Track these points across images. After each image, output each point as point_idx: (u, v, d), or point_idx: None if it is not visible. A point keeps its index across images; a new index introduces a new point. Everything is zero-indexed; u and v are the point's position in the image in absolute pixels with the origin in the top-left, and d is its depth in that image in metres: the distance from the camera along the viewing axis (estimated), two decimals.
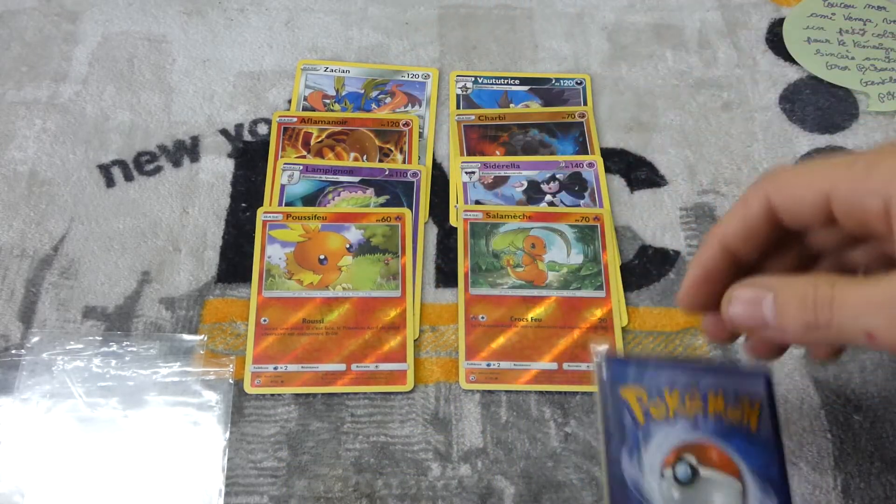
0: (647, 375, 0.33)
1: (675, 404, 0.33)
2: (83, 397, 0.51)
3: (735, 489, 0.32)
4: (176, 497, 0.48)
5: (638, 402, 0.33)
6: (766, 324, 0.28)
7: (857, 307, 0.25)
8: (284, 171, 0.61)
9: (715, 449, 0.32)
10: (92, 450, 0.49)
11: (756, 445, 0.32)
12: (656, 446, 0.32)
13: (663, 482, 0.31)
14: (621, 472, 0.31)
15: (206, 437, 0.50)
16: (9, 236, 0.58)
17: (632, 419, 0.32)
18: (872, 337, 0.25)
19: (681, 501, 0.31)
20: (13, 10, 0.70)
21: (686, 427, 0.32)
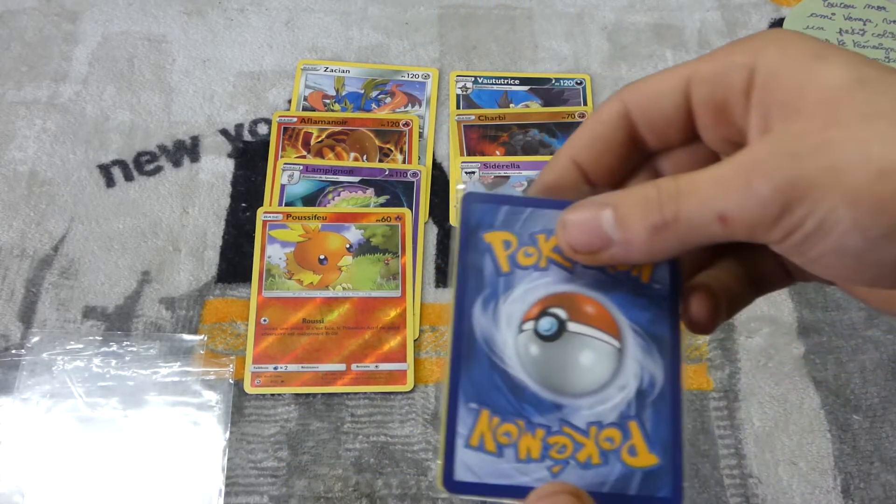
0: (521, 219, 0.27)
1: (549, 251, 0.27)
2: (83, 397, 0.51)
3: (608, 348, 0.26)
4: (176, 497, 0.48)
5: (504, 248, 0.27)
6: (608, 241, 0.24)
7: (705, 190, 0.22)
8: (284, 171, 0.61)
9: (592, 302, 0.27)
10: (92, 450, 0.50)
11: (645, 298, 0.27)
12: (519, 296, 0.27)
13: (521, 336, 0.26)
14: (471, 324, 0.27)
15: (206, 437, 0.50)
16: (9, 236, 0.58)
17: (493, 266, 0.27)
18: (726, 220, 0.22)
19: (539, 358, 0.26)
20: (13, 10, 0.70)
21: (560, 277, 0.27)
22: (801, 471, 0.51)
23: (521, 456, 0.25)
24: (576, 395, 0.26)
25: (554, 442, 0.25)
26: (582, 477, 0.25)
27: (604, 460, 0.25)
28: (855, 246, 0.21)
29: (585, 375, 0.26)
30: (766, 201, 0.21)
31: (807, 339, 0.55)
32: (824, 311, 0.57)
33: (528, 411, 0.26)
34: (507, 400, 0.26)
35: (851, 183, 0.20)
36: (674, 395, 0.26)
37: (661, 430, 0.26)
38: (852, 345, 0.55)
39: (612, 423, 0.26)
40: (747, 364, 0.54)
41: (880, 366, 0.55)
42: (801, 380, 0.54)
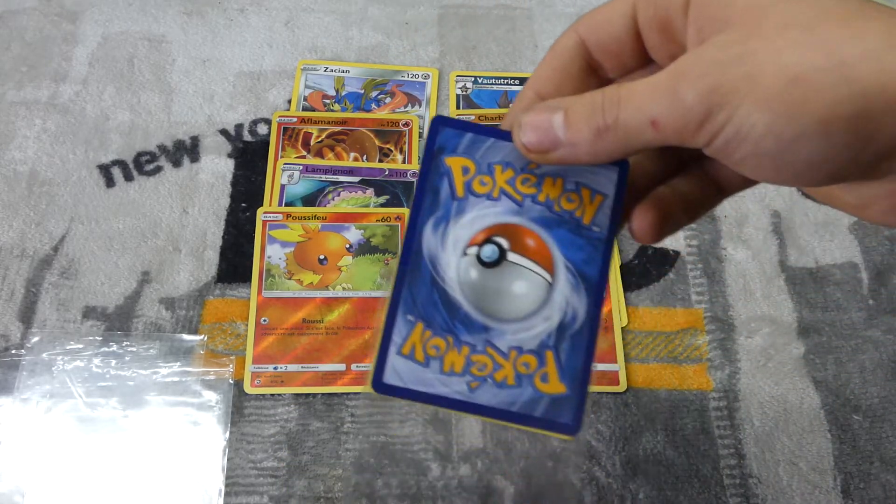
0: (482, 148, 0.29)
1: (503, 183, 0.29)
2: (83, 397, 0.51)
3: (540, 281, 0.29)
4: (176, 497, 0.48)
5: (462, 173, 0.29)
6: (557, 142, 0.26)
7: (640, 97, 0.24)
8: (284, 171, 0.61)
9: (534, 236, 0.29)
10: (92, 450, 0.50)
11: (581, 239, 0.29)
12: (469, 222, 0.29)
13: (464, 260, 0.28)
14: (420, 241, 0.28)
15: (206, 437, 0.50)
16: (9, 236, 0.58)
17: (449, 189, 0.29)
18: (657, 124, 0.24)
19: (477, 282, 0.28)
20: (13, 10, 0.70)
21: (508, 208, 0.29)
22: (801, 471, 0.51)
23: (445, 369, 0.28)
24: (503, 321, 0.28)
25: (476, 360, 0.28)
26: (496, 395, 0.27)
27: (518, 383, 0.28)
28: (770, 148, 0.22)
29: (516, 303, 0.28)
30: (691, 107, 0.23)
31: (807, 339, 0.55)
32: (824, 311, 0.57)
33: (458, 329, 0.28)
34: (442, 317, 0.28)
35: (766, 89, 0.21)
36: (591, 333, 0.28)
37: (574, 362, 0.28)
38: (852, 345, 0.55)
39: (531, 350, 0.28)
40: (747, 364, 0.54)
41: (880, 366, 0.55)
42: (801, 380, 0.54)
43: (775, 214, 0.61)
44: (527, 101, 0.29)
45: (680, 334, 0.55)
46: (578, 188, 0.29)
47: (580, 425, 0.27)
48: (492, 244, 0.29)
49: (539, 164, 0.29)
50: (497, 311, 0.28)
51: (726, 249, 0.59)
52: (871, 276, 0.58)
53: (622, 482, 0.50)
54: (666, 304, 0.57)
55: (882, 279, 0.58)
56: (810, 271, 0.58)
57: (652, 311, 0.56)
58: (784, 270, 0.58)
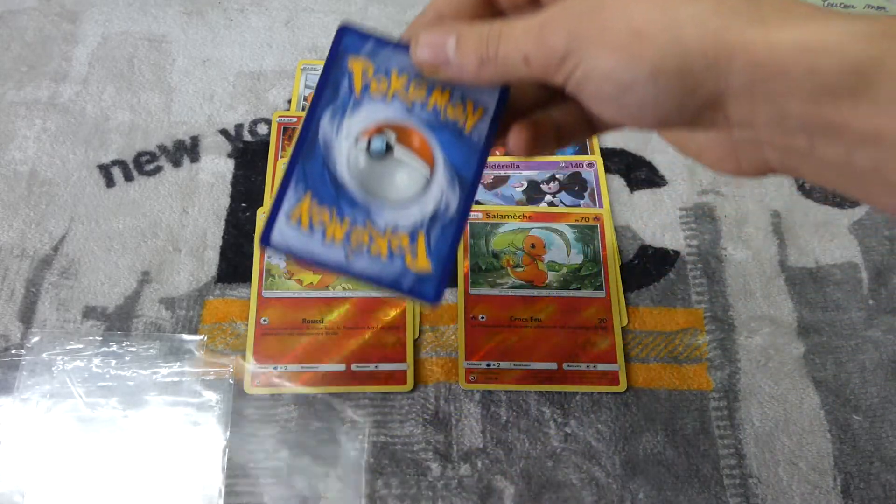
0: (382, 54, 0.33)
1: (397, 87, 0.33)
2: (83, 397, 0.51)
3: (421, 173, 0.32)
4: (176, 497, 0.48)
5: (362, 75, 0.33)
6: (448, 61, 0.30)
7: (516, 36, 0.28)
8: None
9: (419, 135, 0.33)
10: (92, 450, 0.50)
11: (462, 144, 0.33)
12: (363, 117, 0.32)
13: (354, 149, 0.32)
14: (317, 127, 0.32)
15: (207, 437, 0.50)
16: (9, 236, 0.58)
17: (349, 87, 0.33)
18: (528, 60, 0.27)
19: (364, 169, 0.32)
20: (13, 10, 0.70)
21: (399, 109, 0.33)
22: (801, 471, 0.51)
23: (328, 238, 0.31)
24: (384, 203, 0.32)
25: (356, 233, 0.31)
26: (370, 266, 0.31)
27: (390, 258, 0.31)
28: (610, 91, 0.26)
29: (396, 190, 0.32)
30: (553, 48, 0.27)
31: (807, 339, 0.56)
32: (824, 311, 0.57)
33: (342, 205, 0.32)
34: (329, 192, 0.32)
35: (611, 39, 0.25)
36: (459, 224, 0.32)
37: (441, 246, 0.32)
38: (852, 345, 0.55)
39: (405, 230, 0.32)
40: (747, 364, 0.54)
41: (880, 366, 0.55)
42: (801, 380, 0.54)
43: (775, 214, 0.61)
44: (427, 18, 0.33)
45: (680, 334, 0.55)
46: (464, 100, 0.33)
47: (440, 298, 0.31)
48: (381, 137, 0.32)
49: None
50: (379, 194, 0.32)
51: (726, 249, 0.59)
52: (871, 276, 0.58)
53: (622, 482, 0.50)
54: (666, 304, 0.57)
55: (882, 279, 0.58)
56: (810, 271, 0.58)
57: (652, 311, 0.56)
58: (784, 270, 0.58)
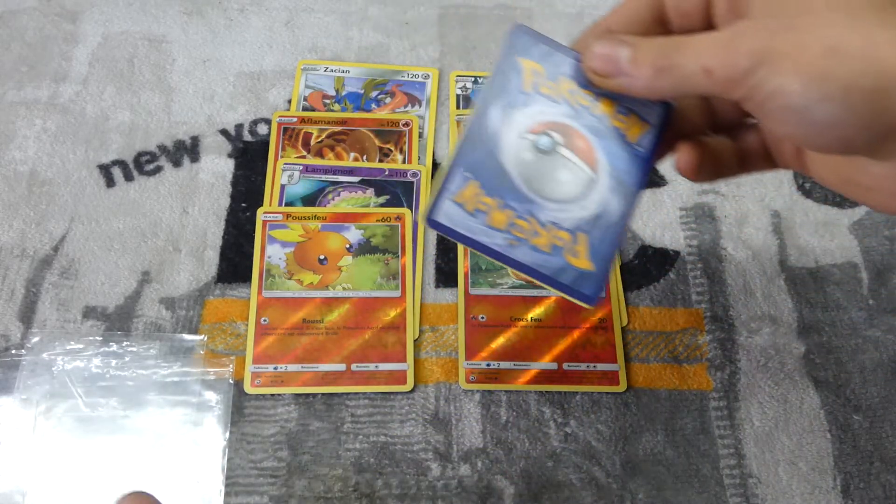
0: (553, 60, 0.34)
1: (565, 91, 0.33)
2: (83, 397, 0.51)
3: (585, 176, 0.33)
4: (176, 497, 0.48)
5: (531, 74, 0.33)
6: (621, 71, 0.31)
7: (699, 47, 0.28)
8: (284, 171, 0.61)
9: (584, 139, 0.33)
10: (92, 450, 0.50)
11: (625, 153, 0.33)
12: (531, 113, 0.33)
13: (522, 142, 0.33)
14: (487, 117, 0.33)
15: (207, 437, 0.50)
16: (9, 236, 0.58)
17: (518, 84, 0.33)
18: (709, 71, 0.28)
19: (530, 163, 0.33)
20: (13, 10, 0.70)
21: (567, 111, 0.33)
22: (801, 471, 0.51)
23: (490, 223, 0.32)
24: (546, 199, 0.32)
25: (518, 223, 0.32)
26: (530, 256, 0.32)
27: (551, 252, 0.32)
28: (798, 104, 0.26)
29: (560, 188, 0.33)
30: (741, 60, 0.27)
31: (807, 339, 0.55)
32: (824, 311, 0.57)
33: (506, 195, 0.32)
34: (494, 181, 0.32)
35: (805, 55, 0.26)
36: (620, 231, 0.33)
37: (603, 248, 0.33)
38: (852, 345, 0.55)
39: (566, 228, 0.32)
40: (747, 364, 0.54)
41: (880, 366, 0.55)
42: (801, 380, 0.54)
43: (775, 214, 0.61)
44: (598, 31, 0.33)
45: (680, 334, 0.55)
46: (629, 112, 0.34)
47: (598, 299, 0.32)
48: (547, 136, 0.33)
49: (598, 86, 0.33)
50: (542, 190, 0.32)
51: (726, 249, 0.59)
52: (871, 276, 0.58)
53: (622, 482, 0.50)
54: (666, 303, 0.57)
55: (882, 279, 0.58)
56: (810, 271, 0.58)
57: (652, 310, 0.56)
58: (784, 270, 0.58)
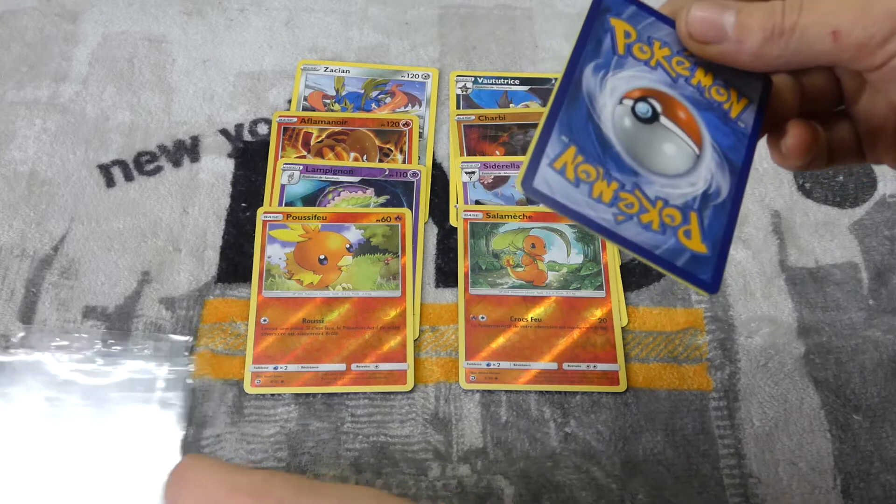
0: (644, 22, 0.31)
1: (660, 57, 0.30)
2: (43, 392, 0.51)
3: (688, 149, 0.30)
4: (127, 492, 0.48)
5: (624, 36, 0.30)
6: (723, 36, 0.27)
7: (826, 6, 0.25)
8: (284, 171, 0.61)
9: (685, 109, 0.30)
10: (52, 446, 0.50)
11: (728, 128, 0.30)
12: (626, 78, 0.30)
13: (619, 107, 0.29)
14: (581, 77, 0.29)
15: (164, 434, 0.50)
16: (9, 236, 0.58)
17: (611, 44, 0.30)
18: (838, 35, 0.25)
19: (630, 131, 0.29)
20: (13, 10, 0.70)
21: (664, 79, 0.30)
22: (801, 471, 0.51)
23: (594, 195, 0.28)
24: (652, 172, 0.29)
25: (624, 197, 0.28)
26: (640, 234, 0.28)
27: (662, 230, 0.28)
28: None
29: (665, 161, 0.29)
30: (878, 23, 0.24)
31: (807, 339, 0.55)
32: (824, 311, 0.57)
33: (609, 164, 0.29)
34: (595, 147, 0.29)
35: None
36: (733, 210, 0.29)
37: (716, 229, 0.29)
38: (852, 345, 0.55)
39: (676, 205, 0.29)
40: (747, 364, 0.54)
41: (880, 366, 0.55)
42: (801, 380, 0.54)
43: (775, 214, 0.61)
44: None
45: (680, 334, 0.55)
46: (728, 86, 0.30)
47: (719, 286, 0.28)
48: (646, 103, 0.30)
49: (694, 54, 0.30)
50: (647, 161, 0.29)
51: None
52: (871, 276, 0.58)
53: (622, 482, 0.50)
54: (666, 303, 0.57)
55: (882, 279, 0.58)
56: (810, 271, 0.58)
57: (652, 310, 0.56)
58: (784, 270, 0.58)
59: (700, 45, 0.28)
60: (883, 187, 0.62)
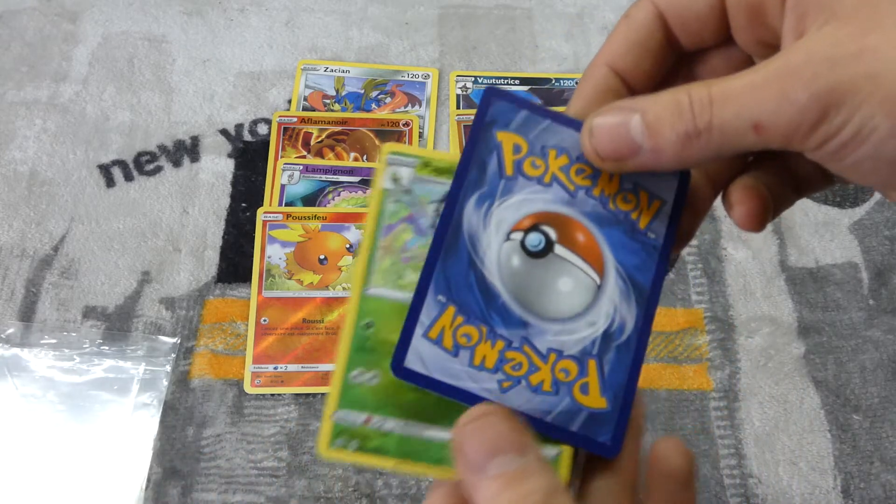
0: (538, 129, 0.26)
1: (556, 169, 0.26)
2: (18, 389, 0.51)
3: (588, 280, 0.25)
4: (100, 490, 0.48)
5: (513, 151, 0.26)
6: (636, 148, 0.23)
7: (739, 97, 0.22)
8: (284, 171, 0.61)
9: (584, 231, 0.26)
10: (25, 442, 0.50)
11: (636, 243, 0.26)
12: (515, 205, 0.25)
13: (507, 244, 0.25)
14: (461, 217, 0.25)
15: (139, 432, 0.50)
16: (9, 236, 0.58)
17: (498, 166, 0.26)
18: (760, 128, 0.22)
19: (519, 272, 0.25)
20: (13, 10, 0.70)
21: (560, 197, 0.26)
22: (801, 471, 0.51)
23: (476, 362, 0.24)
24: (544, 318, 0.25)
25: (511, 357, 0.25)
26: (529, 400, 0.24)
27: (555, 390, 0.25)
28: (891, 153, 0.21)
29: (559, 301, 0.25)
30: (804, 109, 0.21)
31: (807, 339, 0.55)
32: (824, 311, 0.57)
33: (494, 320, 0.25)
34: (477, 303, 0.25)
35: (890, 90, 0.20)
36: (638, 347, 0.26)
37: (618, 376, 0.25)
38: (852, 345, 0.55)
39: (572, 355, 0.25)
40: (747, 364, 0.54)
41: (880, 366, 0.55)
42: (801, 380, 0.54)
43: None
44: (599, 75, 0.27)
45: (680, 334, 0.55)
46: (636, 189, 0.26)
47: (620, 446, 0.24)
48: (538, 232, 0.25)
49: None
50: (538, 306, 0.25)
51: (726, 249, 0.59)
52: (871, 276, 0.58)
53: None
54: (666, 303, 0.56)
55: (882, 279, 0.58)
56: (810, 271, 0.58)
57: None
58: (784, 270, 0.58)
59: (614, 163, 0.24)
60: None
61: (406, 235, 0.26)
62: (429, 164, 0.27)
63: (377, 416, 0.25)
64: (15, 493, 0.48)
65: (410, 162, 0.27)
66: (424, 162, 0.27)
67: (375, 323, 0.25)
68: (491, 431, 0.23)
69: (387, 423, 0.25)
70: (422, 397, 0.25)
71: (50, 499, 0.48)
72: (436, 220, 0.26)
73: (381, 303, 0.26)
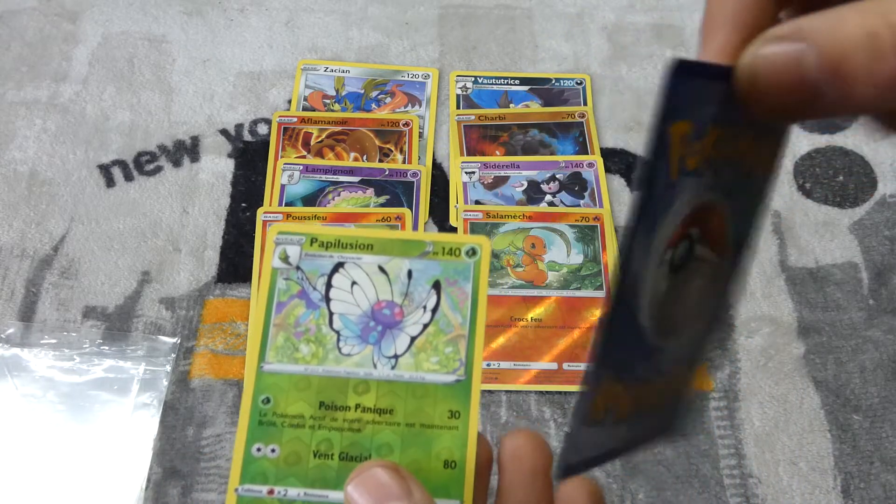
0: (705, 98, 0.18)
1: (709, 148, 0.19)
2: (18, 389, 0.51)
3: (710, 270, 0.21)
4: (100, 490, 0.48)
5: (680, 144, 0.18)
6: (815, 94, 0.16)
7: None
8: (284, 171, 0.61)
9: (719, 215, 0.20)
10: (25, 442, 0.50)
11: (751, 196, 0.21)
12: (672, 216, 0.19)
13: (658, 271, 0.19)
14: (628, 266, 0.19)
15: (138, 432, 0.50)
16: (9, 236, 0.58)
17: (666, 176, 0.18)
18: None
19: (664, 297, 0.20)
20: (13, 10, 0.70)
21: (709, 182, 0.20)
22: (801, 471, 0.51)
23: (616, 419, 0.21)
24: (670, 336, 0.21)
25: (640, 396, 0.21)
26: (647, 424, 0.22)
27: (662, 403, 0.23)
28: None
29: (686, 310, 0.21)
30: None
31: (807, 339, 0.55)
32: (824, 311, 0.57)
33: (636, 366, 0.20)
34: (630, 359, 0.20)
35: None
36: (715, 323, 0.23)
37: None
38: (852, 345, 0.55)
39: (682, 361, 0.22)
40: (747, 364, 0.54)
41: (880, 366, 0.55)
42: (801, 380, 0.54)
43: (775, 214, 0.61)
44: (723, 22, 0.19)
45: None
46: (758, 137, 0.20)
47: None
48: (686, 240, 0.20)
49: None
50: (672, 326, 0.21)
51: None
52: (871, 276, 0.58)
53: (622, 482, 0.50)
54: None
55: (882, 279, 0.58)
56: (810, 271, 0.58)
57: None
58: (784, 270, 0.58)
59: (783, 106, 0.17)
60: (883, 187, 0.62)
61: (298, 311, 0.26)
62: (316, 240, 0.27)
63: (279, 487, 0.25)
64: (15, 493, 0.48)
65: (297, 240, 0.27)
66: (311, 238, 0.27)
67: (273, 398, 0.26)
68: (374, 482, 0.23)
69: (289, 492, 0.25)
70: (322, 465, 0.25)
71: (50, 499, 0.48)
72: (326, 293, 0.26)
73: (277, 378, 0.26)
